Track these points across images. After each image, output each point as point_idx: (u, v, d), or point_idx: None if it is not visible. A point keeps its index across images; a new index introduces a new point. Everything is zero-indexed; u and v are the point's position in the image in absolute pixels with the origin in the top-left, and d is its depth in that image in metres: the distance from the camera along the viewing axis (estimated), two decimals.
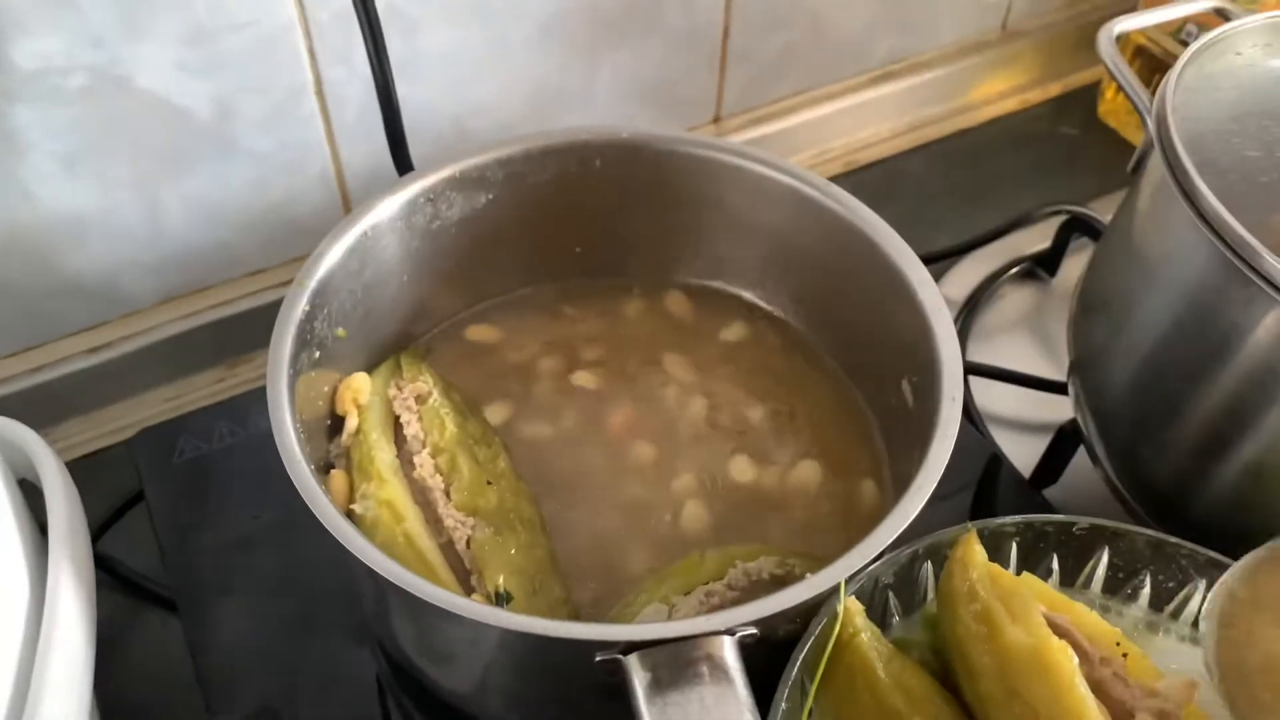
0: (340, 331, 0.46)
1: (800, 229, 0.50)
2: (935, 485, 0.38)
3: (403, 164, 0.54)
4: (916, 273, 0.46)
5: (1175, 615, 0.43)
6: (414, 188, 0.48)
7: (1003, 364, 0.64)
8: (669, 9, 0.66)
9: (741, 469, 0.49)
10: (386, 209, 0.47)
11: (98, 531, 0.55)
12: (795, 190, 0.49)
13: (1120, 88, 0.50)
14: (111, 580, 0.53)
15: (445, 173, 0.49)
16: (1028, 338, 0.69)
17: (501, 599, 0.41)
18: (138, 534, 0.54)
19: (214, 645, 0.48)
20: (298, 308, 0.42)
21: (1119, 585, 0.43)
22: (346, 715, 0.47)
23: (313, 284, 0.43)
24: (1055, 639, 0.36)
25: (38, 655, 0.38)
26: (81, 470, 0.48)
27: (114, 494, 0.56)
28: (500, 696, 0.42)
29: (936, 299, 0.45)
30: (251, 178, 0.60)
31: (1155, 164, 0.46)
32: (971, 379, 0.64)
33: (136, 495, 0.56)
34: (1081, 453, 0.58)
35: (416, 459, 0.47)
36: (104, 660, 0.42)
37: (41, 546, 0.43)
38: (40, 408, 0.58)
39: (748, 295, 0.56)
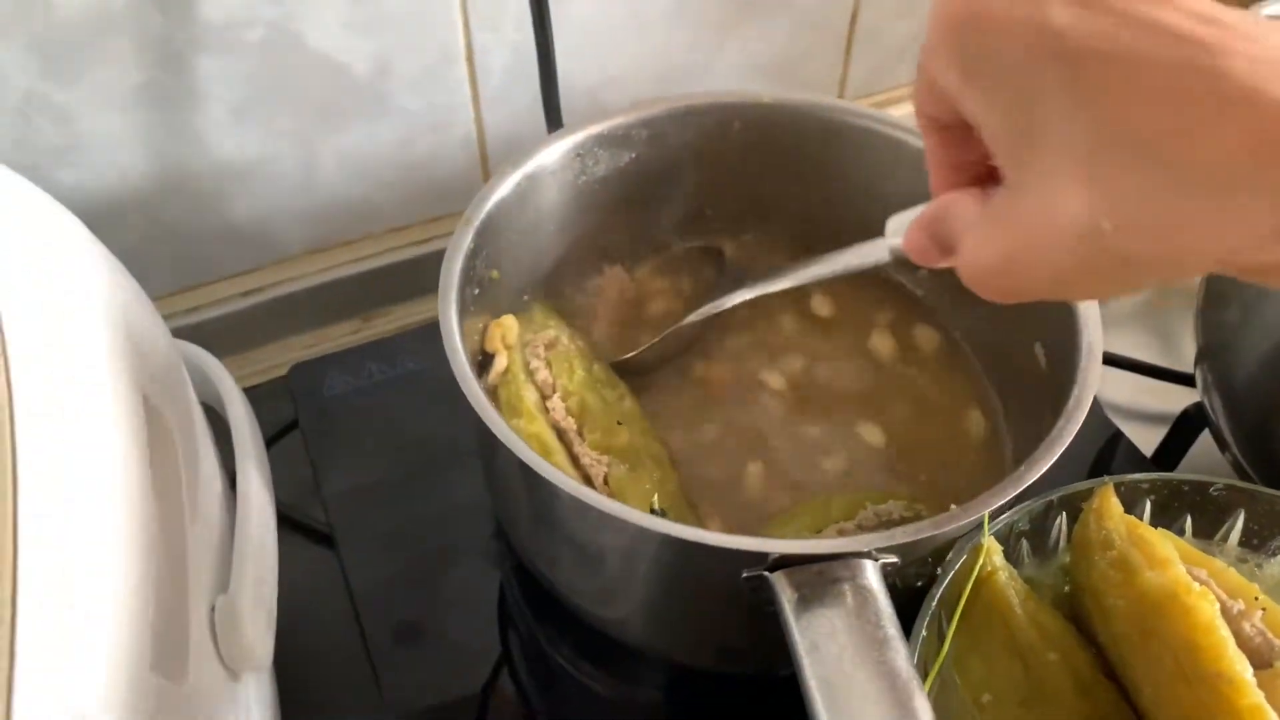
0: (494, 274, 0.49)
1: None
2: (1079, 426, 0.39)
3: (554, 121, 0.56)
4: None
5: None
6: (567, 141, 0.50)
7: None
8: None
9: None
10: (543, 159, 0.50)
11: None
12: None
13: None
14: None
15: (595, 129, 0.51)
16: (1139, 328, 0.70)
17: (657, 514, 0.43)
18: (282, 467, 0.57)
19: (362, 567, 0.51)
20: (465, 241, 0.45)
21: (1254, 549, 0.43)
22: (478, 627, 0.50)
23: (478, 222, 0.46)
24: (1195, 583, 0.36)
25: (235, 558, 0.40)
26: None
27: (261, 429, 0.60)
28: (640, 612, 0.44)
29: None
30: (399, 136, 0.63)
31: None
32: None
33: (281, 431, 0.59)
34: (1198, 441, 0.59)
35: (549, 403, 0.49)
36: None
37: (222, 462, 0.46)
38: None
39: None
